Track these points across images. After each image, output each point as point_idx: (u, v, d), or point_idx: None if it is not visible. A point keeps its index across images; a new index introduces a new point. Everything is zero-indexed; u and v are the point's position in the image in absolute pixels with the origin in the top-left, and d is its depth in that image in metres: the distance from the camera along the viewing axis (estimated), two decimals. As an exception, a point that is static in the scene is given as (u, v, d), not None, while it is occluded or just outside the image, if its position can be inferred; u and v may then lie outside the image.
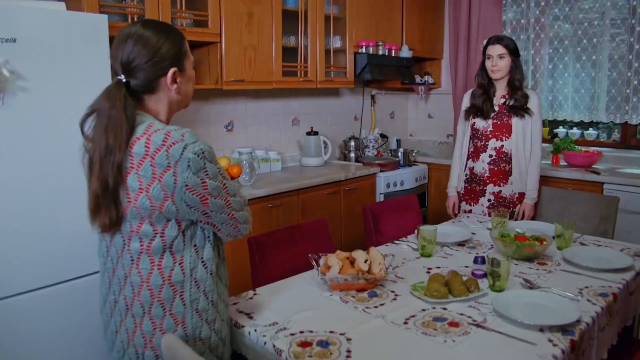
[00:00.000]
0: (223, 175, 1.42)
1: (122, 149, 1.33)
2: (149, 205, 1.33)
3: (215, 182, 1.38)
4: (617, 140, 4.16)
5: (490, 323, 1.60)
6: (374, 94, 4.80)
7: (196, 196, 1.34)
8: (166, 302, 1.39)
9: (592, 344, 1.64)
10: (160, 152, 1.31)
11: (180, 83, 1.46)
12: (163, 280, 1.39)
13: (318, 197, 3.50)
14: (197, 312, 1.44)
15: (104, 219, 1.36)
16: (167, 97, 1.46)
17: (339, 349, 1.44)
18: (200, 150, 1.33)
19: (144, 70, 1.39)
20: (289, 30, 3.60)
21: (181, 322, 1.41)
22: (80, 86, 2.15)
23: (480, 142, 3.05)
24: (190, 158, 1.31)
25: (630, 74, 3.83)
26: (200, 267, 1.44)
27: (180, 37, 1.47)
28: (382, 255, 1.90)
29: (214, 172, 1.38)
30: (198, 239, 1.44)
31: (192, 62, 1.52)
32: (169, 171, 1.31)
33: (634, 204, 3.36)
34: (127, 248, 1.40)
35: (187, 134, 1.35)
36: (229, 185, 1.43)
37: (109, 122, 1.33)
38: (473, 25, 4.47)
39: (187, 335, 1.42)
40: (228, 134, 3.69)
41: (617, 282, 1.92)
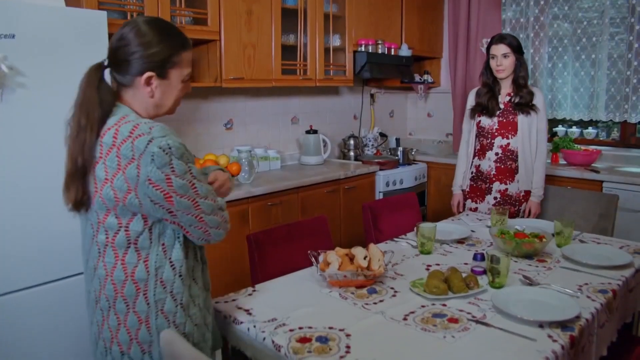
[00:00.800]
0: (194, 175, 1.37)
1: (93, 130, 1.35)
2: (112, 197, 1.33)
3: (182, 180, 1.33)
4: (616, 139, 4.16)
5: (490, 319, 1.60)
6: (373, 93, 4.80)
7: (159, 192, 1.31)
8: (129, 299, 1.39)
9: (592, 340, 1.64)
10: (126, 143, 1.31)
11: (156, 89, 1.42)
12: (126, 276, 1.38)
13: (317, 196, 3.50)
14: (162, 313, 1.41)
15: (70, 197, 1.39)
16: (142, 96, 1.43)
17: (338, 345, 1.43)
18: (166, 145, 1.31)
19: (124, 62, 1.40)
20: (288, 29, 3.60)
21: (145, 321, 1.40)
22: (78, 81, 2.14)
23: (487, 140, 3.05)
24: (155, 152, 1.29)
25: (630, 72, 3.83)
26: (168, 267, 1.41)
27: (177, 47, 1.42)
28: (381, 252, 1.90)
29: (182, 169, 1.33)
30: (167, 238, 1.41)
31: (184, 74, 1.46)
32: (132, 163, 1.30)
33: (633, 202, 3.36)
34: (95, 240, 1.41)
35: (156, 128, 1.34)
36: (199, 186, 1.38)
37: (83, 101, 1.37)
38: (472, 24, 4.47)
39: (152, 335, 1.40)
40: (227, 132, 3.69)
41: (617, 279, 1.92)
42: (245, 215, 3.05)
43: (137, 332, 1.39)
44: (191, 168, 1.37)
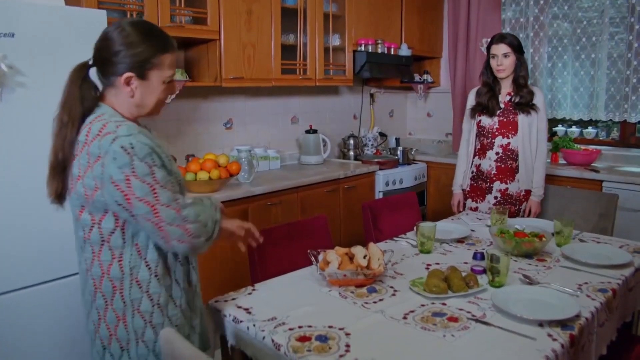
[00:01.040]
0: (157, 180, 1.34)
1: (74, 126, 1.39)
2: (83, 193, 1.36)
3: (142, 183, 1.31)
4: (616, 138, 4.16)
5: (490, 318, 1.60)
6: (373, 93, 4.80)
7: (120, 192, 1.31)
8: (107, 295, 1.41)
9: (592, 339, 1.64)
10: (95, 141, 1.34)
11: (136, 89, 1.43)
12: (102, 273, 1.41)
13: (317, 195, 3.49)
14: (138, 313, 1.42)
15: (52, 190, 1.43)
16: (123, 96, 1.44)
17: (337, 344, 1.43)
18: (129, 144, 1.31)
19: (106, 62, 1.42)
20: (288, 28, 3.60)
21: (122, 319, 1.41)
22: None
23: (487, 140, 3.04)
24: (116, 151, 1.30)
25: (629, 72, 3.83)
26: (143, 267, 1.41)
27: (157, 49, 1.42)
28: (381, 251, 1.90)
29: (143, 172, 1.32)
30: (141, 238, 1.41)
31: (164, 76, 1.45)
32: (98, 161, 1.32)
33: (632, 202, 3.36)
34: (77, 235, 1.45)
35: (123, 127, 1.34)
36: (161, 192, 1.34)
37: (66, 99, 1.41)
38: (472, 24, 4.46)
39: (129, 333, 1.42)
40: (227, 132, 3.69)
41: (617, 278, 1.92)
42: (244, 214, 3.05)
43: (116, 329, 1.42)
44: (155, 172, 1.34)
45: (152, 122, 3.20)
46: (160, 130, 3.26)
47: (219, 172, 2.93)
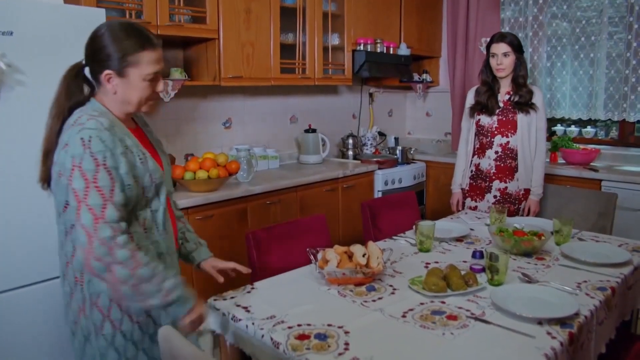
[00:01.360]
0: (96, 180, 1.33)
1: (59, 119, 1.46)
2: (54, 178, 1.44)
3: (81, 177, 1.33)
4: (615, 137, 4.16)
5: (489, 316, 1.59)
6: (372, 92, 4.80)
7: (65, 181, 1.37)
8: (71, 283, 1.47)
9: (591, 337, 1.64)
10: (66, 131, 1.40)
11: (117, 86, 1.47)
12: (67, 261, 1.46)
13: (316, 194, 3.49)
14: (97, 307, 1.45)
15: (40, 174, 1.51)
16: (108, 93, 1.49)
17: (336, 342, 1.43)
18: (87, 137, 1.35)
19: (89, 60, 1.49)
20: (287, 27, 3.59)
21: (82, 310, 1.46)
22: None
23: (486, 139, 3.04)
24: (76, 141, 1.35)
25: (628, 71, 3.84)
26: None
27: (133, 47, 1.44)
28: (380, 250, 1.90)
29: (88, 166, 1.34)
30: None
31: (144, 74, 1.45)
32: (64, 149, 1.37)
33: (631, 201, 3.36)
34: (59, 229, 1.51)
35: (93, 120, 1.39)
36: (92, 194, 1.32)
37: (58, 93, 1.50)
38: (471, 24, 4.46)
39: (89, 326, 1.46)
40: (226, 131, 3.68)
41: (616, 276, 1.92)
42: (244, 213, 3.05)
43: (79, 317, 1.47)
44: (100, 172, 1.34)
45: (151, 122, 3.20)
46: (159, 130, 3.25)
47: (217, 171, 2.93)
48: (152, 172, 1.50)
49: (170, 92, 2.97)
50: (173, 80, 2.98)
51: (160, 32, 2.81)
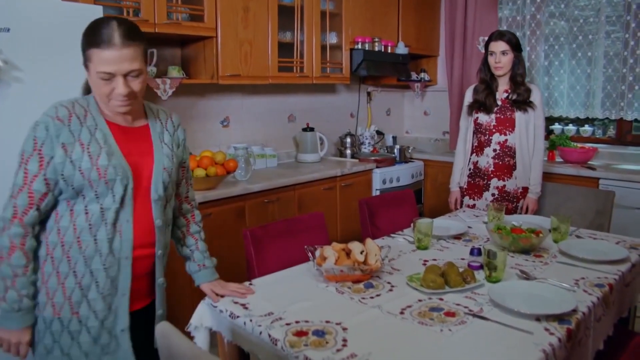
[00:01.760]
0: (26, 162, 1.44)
1: None
2: None
3: (20, 155, 1.46)
4: (612, 136, 4.17)
5: (487, 313, 1.59)
6: (370, 91, 4.80)
7: None
8: None
9: (589, 333, 1.64)
10: None
11: (88, 79, 1.51)
12: None
13: (314, 193, 3.49)
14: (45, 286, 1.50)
15: None
16: None
17: (335, 338, 1.43)
18: (37, 121, 1.44)
19: None
20: (285, 26, 3.59)
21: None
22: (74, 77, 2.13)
23: (484, 137, 3.04)
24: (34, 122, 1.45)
25: (626, 70, 3.84)
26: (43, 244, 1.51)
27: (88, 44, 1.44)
28: (378, 247, 1.90)
29: (26, 147, 1.45)
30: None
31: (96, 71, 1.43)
32: None
33: (629, 200, 3.37)
34: None
35: (52, 108, 1.46)
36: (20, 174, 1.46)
37: None
38: (469, 23, 4.47)
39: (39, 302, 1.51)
40: (224, 130, 3.68)
41: (613, 273, 1.93)
42: (241, 212, 3.04)
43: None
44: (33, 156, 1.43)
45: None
46: (156, 128, 3.25)
47: (215, 169, 2.93)
48: (102, 167, 1.45)
49: (168, 90, 2.97)
50: (171, 79, 2.98)
51: (158, 30, 2.81)
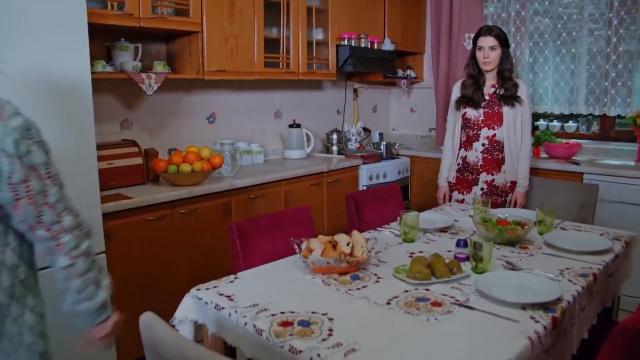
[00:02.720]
0: None
1: None
2: None
3: None
4: (596, 132, 4.21)
5: (473, 302, 1.60)
6: (356, 88, 4.80)
7: None
8: None
9: (573, 322, 1.65)
10: None
11: None
12: None
13: (300, 189, 3.48)
14: None
15: None
16: None
17: (320, 328, 1.42)
18: None
19: None
20: (271, 22, 3.58)
21: None
22: (58, 71, 2.11)
23: (473, 132, 3.06)
24: None
25: (609, 67, 3.88)
26: None
27: None
28: (364, 239, 1.90)
29: None
30: None
31: None
32: None
33: (612, 194, 3.40)
34: None
35: None
36: None
37: None
38: (455, 20, 4.48)
39: None
40: (210, 126, 3.66)
41: (597, 263, 1.94)
42: (228, 207, 3.03)
43: None
44: None
45: (134, 115, 3.17)
46: (141, 124, 3.23)
47: (201, 165, 2.91)
48: None
49: (153, 85, 2.94)
50: (156, 74, 2.95)
51: (143, 24, 2.78)
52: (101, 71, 2.75)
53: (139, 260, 2.63)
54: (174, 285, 2.77)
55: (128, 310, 2.40)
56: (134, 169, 2.88)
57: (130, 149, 2.90)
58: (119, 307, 2.44)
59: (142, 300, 2.56)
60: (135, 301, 2.55)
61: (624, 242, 2.23)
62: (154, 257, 2.70)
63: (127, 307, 2.48)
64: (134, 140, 3.00)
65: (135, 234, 2.60)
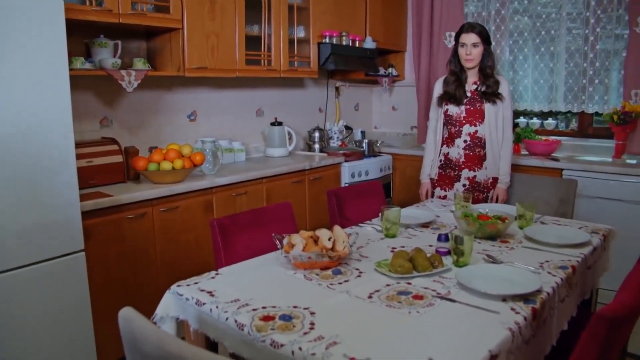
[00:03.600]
0: None
1: None
2: None
3: None
4: (574, 129, 4.26)
5: (455, 295, 1.61)
6: (338, 86, 4.80)
7: None
8: None
9: (553, 313, 1.67)
10: None
11: None
12: None
13: (283, 186, 3.47)
14: None
15: None
16: None
17: (302, 322, 1.42)
18: None
19: None
20: (252, 19, 3.56)
21: None
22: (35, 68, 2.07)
23: (455, 128, 3.07)
24: None
25: (586, 64, 3.94)
26: None
27: None
28: (346, 234, 1.90)
29: None
30: None
31: None
32: None
33: (590, 189, 3.45)
34: None
35: None
36: None
37: None
38: (435, 18, 4.51)
39: None
40: (191, 124, 3.63)
41: (576, 256, 1.97)
42: (209, 205, 3.00)
43: None
44: None
45: (114, 112, 3.13)
46: (122, 121, 3.19)
47: (182, 162, 2.88)
48: None
49: (133, 82, 2.90)
50: (136, 71, 2.92)
51: (122, 20, 2.75)
52: (80, 68, 2.71)
53: (119, 258, 2.60)
54: (155, 284, 2.74)
55: (108, 309, 2.39)
56: (114, 167, 2.85)
57: (110, 147, 2.87)
58: (99, 306, 2.43)
59: (122, 299, 2.52)
60: (115, 300, 2.52)
61: (601, 235, 2.26)
62: (134, 255, 2.67)
63: (106, 305, 2.47)
64: (114, 138, 2.97)
65: (115, 232, 2.57)
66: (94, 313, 2.34)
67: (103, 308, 2.45)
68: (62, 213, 2.20)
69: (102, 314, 2.41)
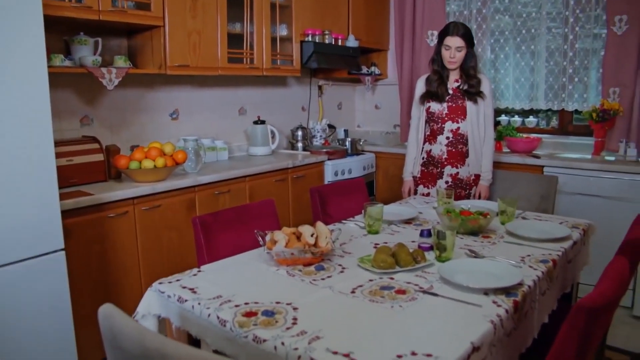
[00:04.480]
0: None
1: None
2: None
3: None
4: (555, 127, 4.32)
5: (437, 289, 1.61)
6: (321, 85, 4.80)
7: None
8: None
9: (534, 307, 1.68)
10: None
11: None
12: None
13: (266, 185, 3.46)
14: None
15: None
16: None
17: (284, 317, 1.41)
18: None
19: None
20: (234, 17, 3.54)
21: None
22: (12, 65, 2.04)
23: (437, 125, 3.09)
24: None
25: (566, 63, 3.99)
26: None
27: None
28: (328, 230, 1.90)
29: None
30: None
31: None
32: None
33: (571, 186, 3.49)
34: None
35: None
36: None
37: None
38: (418, 17, 4.54)
39: None
40: (173, 123, 3.60)
41: (557, 250, 1.99)
42: (192, 203, 2.98)
43: None
44: None
45: (95, 111, 3.10)
46: (103, 120, 3.16)
47: (164, 161, 2.86)
48: None
49: (114, 79, 2.87)
50: (117, 68, 2.89)
51: (102, 17, 2.71)
52: (59, 65, 2.68)
53: (100, 257, 2.57)
54: (136, 283, 2.72)
55: (88, 308, 2.36)
56: (95, 165, 2.81)
57: (90, 146, 2.83)
58: (80, 305, 2.39)
59: (104, 299, 2.49)
60: (96, 299, 2.49)
61: (581, 229, 2.29)
62: (115, 254, 2.64)
63: (87, 305, 2.44)
64: (95, 137, 2.93)
65: (96, 231, 2.54)
66: (75, 313, 2.31)
67: (84, 308, 2.42)
68: (42, 212, 2.17)
69: (83, 314, 2.38)
